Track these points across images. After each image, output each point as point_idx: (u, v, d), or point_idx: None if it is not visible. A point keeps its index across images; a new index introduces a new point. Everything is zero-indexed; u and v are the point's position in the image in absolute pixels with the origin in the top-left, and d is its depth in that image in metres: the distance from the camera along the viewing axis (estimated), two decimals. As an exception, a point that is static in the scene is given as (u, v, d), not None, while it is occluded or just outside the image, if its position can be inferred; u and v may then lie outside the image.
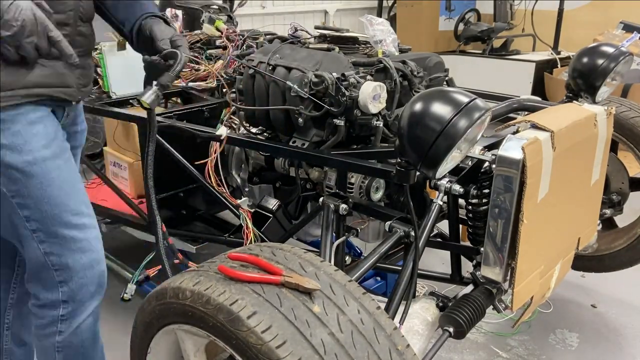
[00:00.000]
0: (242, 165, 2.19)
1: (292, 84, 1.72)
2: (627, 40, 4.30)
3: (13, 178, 1.26)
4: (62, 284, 1.39)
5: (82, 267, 1.39)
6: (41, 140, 1.29)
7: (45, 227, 1.32)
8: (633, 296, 2.61)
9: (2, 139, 1.23)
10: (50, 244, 1.34)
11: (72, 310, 1.42)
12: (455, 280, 1.71)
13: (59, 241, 1.35)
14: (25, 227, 1.32)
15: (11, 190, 1.27)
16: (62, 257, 1.36)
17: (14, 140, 1.25)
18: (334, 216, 1.65)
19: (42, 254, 1.35)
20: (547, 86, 4.90)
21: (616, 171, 2.26)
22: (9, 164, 1.25)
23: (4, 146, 1.24)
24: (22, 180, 1.27)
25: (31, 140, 1.27)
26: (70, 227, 1.35)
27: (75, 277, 1.39)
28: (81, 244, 1.38)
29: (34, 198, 1.29)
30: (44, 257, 1.35)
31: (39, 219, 1.31)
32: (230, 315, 0.97)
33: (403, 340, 1.03)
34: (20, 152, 1.25)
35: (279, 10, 5.44)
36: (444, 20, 5.66)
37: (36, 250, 1.34)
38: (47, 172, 1.29)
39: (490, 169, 1.45)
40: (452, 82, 2.06)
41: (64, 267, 1.37)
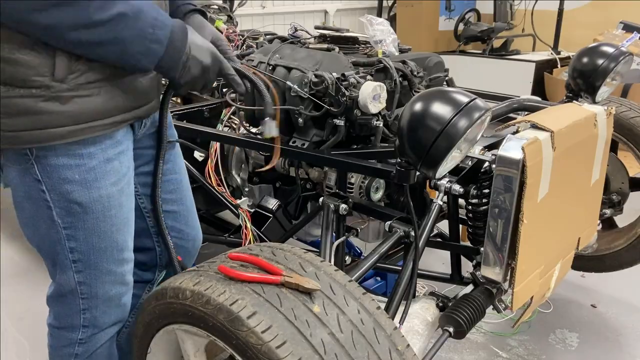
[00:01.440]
0: (242, 165, 2.19)
1: (292, 84, 1.72)
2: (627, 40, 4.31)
3: (72, 212, 1.20)
4: (85, 311, 1.33)
5: (110, 298, 1.34)
6: (112, 177, 1.22)
7: (86, 259, 1.27)
8: (633, 296, 2.61)
9: (75, 175, 1.16)
10: (86, 275, 1.29)
11: (91, 335, 1.37)
12: (455, 280, 1.71)
13: (96, 273, 1.29)
14: (66, 256, 1.26)
15: (65, 222, 1.21)
16: (92, 288, 1.31)
17: (86, 177, 1.18)
18: (334, 216, 1.65)
19: (74, 282, 1.29)
20: (547, 86, 4.90)
21: (616, 171, 2.26)
22: (73, 199, 1.18)
23: (75, 182, 1.17)
24: (80, 214, 1.21)
25: (102, 178, 1.20)
26: (111, 261, 1.30)
27: (101, 305, 1.34)
28: (115, 277, 1.33)
29: (86, 231, 1.23)
30: (76, 285, 1.30)
31: (84, 252, 1.26)
32: (231, 315, 0.97)
33: (403, 341, 1.03)
34: (89, 189, 1.19)
35: (279, 10, 5.44)
36: (444, 20, 5.66)
37: (70, 278, 1.29)
38: (108, 209, 1.24)
39: (490, 169, 1.45)
40: (452, 82, 2.06)
41: (92, 297, 1.32)
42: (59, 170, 1.15)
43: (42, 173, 1.14)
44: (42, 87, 1.05)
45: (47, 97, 1.06)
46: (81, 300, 1.32)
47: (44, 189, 1.16)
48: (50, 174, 1.15)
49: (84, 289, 1.30)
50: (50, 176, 1.15)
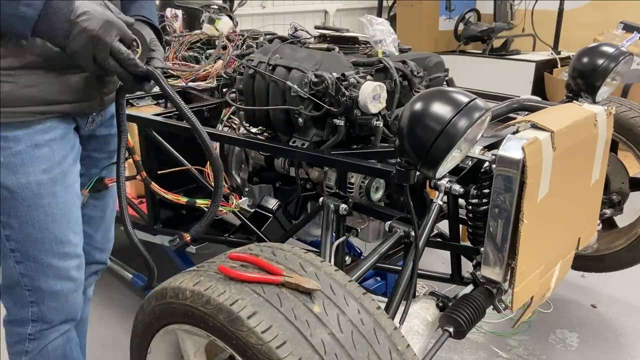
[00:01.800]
0: (242, 165, 2.19)
1: (292, 84, 1.72)
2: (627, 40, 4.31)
3: (1, 197, 1.21)
4: (33, 304, 1.34)
5: (55, 293, 1.34)
6: (42, 164, 1.23)
7: (24, 249, 1.28)
8: (633, 296, 2.61)
9: (0, 157, 1.18)
10: (26, 266, 1.30)
11: (40, 330, 1.37)
12: (455, 280, 1.71)
13: (35, 265, 1.30)
14: (4, 245, 1.27)
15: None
16: (35, 281, 1.31)
17: (11, 160, 1.19)
18: (334, 216, 1.65)
19: (17, 273, 1.30)
20: (547, 86, 4.90)
21: (616, 171, 2.26)
22: (1, 183, 1.20)
23: (0, 165, 1.18)
24: (9, 200, 1.22)
25: (30, 163, 1.21)
26: (50, 254, 1.30)
27: (47, 300, 1.34)
28: (58, 271, 1.33)
29: (19, 219, 1.24)
30: (19, 276, 1.31)
31: (20, 240, 1.27)
32: (231, 315, 0.97)
33: (403, 341, 1.03)
34: (15, 173, 1.20)
35: (279, 10, 5.44)
36: (444, 20, 5.66)
37: (12, 268, 1.30)
38: (39, 197, 1.24)
39: (490, 169, 1.45)
40: (452, 82, 2.06)
41: (37, 290, 1.33)
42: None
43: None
44: None
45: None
46: (27, 292, 1.32)
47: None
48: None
49: (27, 281, 1.31)
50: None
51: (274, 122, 1.85)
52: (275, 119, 1.83)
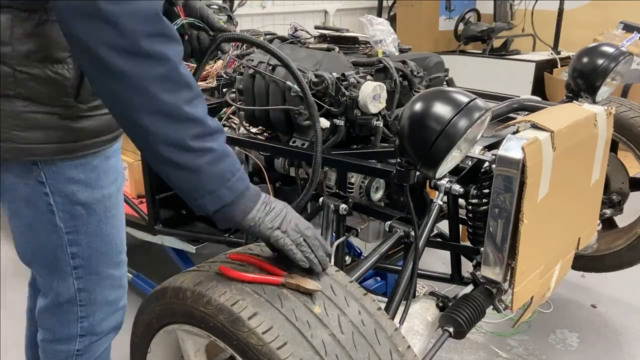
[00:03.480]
0: (242, 165, 2.19)
1: (292, 84, 1.72)
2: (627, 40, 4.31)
3: (76, 214, 1.18)
4: (83, 319, 1.31)
5: (108, 303, 1.33)
6: (112, 175, 1.23)
7: (88, 265, 1.25)
8: (633, 296, 2.61)
9: (80, 174, 1.16)
10: (86, 281, 1.27)
11: (89, 344, 1.35)
12: (455, 280, 1.71)
13: (96, 279, 1.28)
14: (67, 263, 1.23)
15: (68, 226, 1.19)
16: (92, 294, 1.29)
17: (89, 176, 1.17)
18: (334, 216, 1.65)
19: (74, 290, 1.27)
20: (547, 86, 4.90)
21: (616, 171, 2.26)
22: (77, 200, 1.17)
23: (80, 182, 1.16)
24: (84, 217, 1.19)
25: (104, 176, 1.20)
26: (111, 265, 1.29)
27: (98, 312, 1.32)
28: (114, 281, 1.32)
29: (88, 235, 1.22)
30: (75, 293, 1.27)
31: (85, 256, 1.24)
32: (231, 316, 0.97)
33: (404, 342, 1.03)
34: (93, 189, 1.18)
35: (279, 10, 5.44)
36: (444, 20, 5.66)
37: (70, 285, 1.26)
38: (109, 209, 1.23)
39: (490, 169, 1.45)
40: (452, 82, 2.06)
41: (91, 303, 1.30)
42: (64, 170, 1.14)
43: (47, 174, 1.13)
44: (64, 107, 1.08)
45: (65, 115, 1.09)
46: (79, 307, 1.29)
47: (48, 191, 1.15)
48: (56, 174, 1.14)
49: (83, 296, 1.28)
50: (56, 177, 1.14)
51: (274, 122, 1.85)
52: (275, 119, 1.83)
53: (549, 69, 4.94)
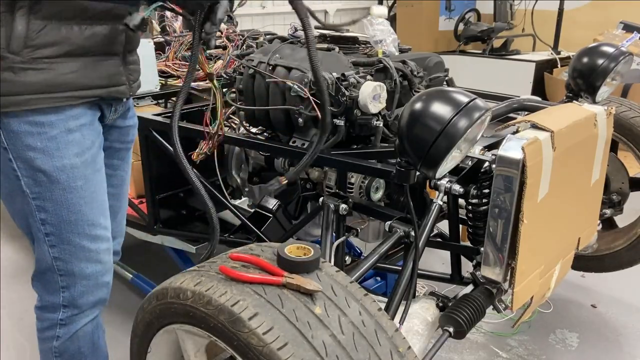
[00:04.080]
0: (242, 165, 2.19)
1: (292, 84, 1.72)
2: (627, 40, 4.31)
3: (38, 181, 1.26)
4: (64, 289, 1.38)
5: (86, 276, 1.38)
6: (74, 148, 1.28)
7: (58, 232, 1.32)
8: (633, 296, 2.61)
9: (37, 142, 1.22)
10: (60, 250, 1.34)
11: (71, 315, 1.41)
12: (455, 280, 1.71)
13: (69, 248, 1.34)
14: (39, 229, 1.31)
15: (33, 192, 1.27)
16: (68, 264, 1.35)
17: (48, 145, 1.24)
18: (334, 216, 1.65)
19: (50, 258, 1.34)
20: (547, 86, 4.90)
21: (616, 171, 2.26)
22: (38, 167, 1.24)
23: (37, 149, 1.23)
24: (46, 183, 1.26)
25: (65, 147, 1.26)
26: (82, 236, 1.35)
27: (78, 284, 1.38)
28: (90, 254, 1.37)
29: (54, 203, 1.29)
30: (52, 260, 1.35)
31: (54, 224, 1.31)
32: (232, 316, 0.97)
33: (404, 342, 1.03)
34: (52, 157, 1.25)
35: (279, 10, 5.44)
36: (444, 20, 5.66)
37: (45, 252, 1.34)
38: (73, 179, 1.29)
39: (490, 169, 1.45)
40: (452, 82, 2.06)
41: (69, 274, 1.37)
42: (22, 137, 1.21)
43: (7, 140, 1.22)
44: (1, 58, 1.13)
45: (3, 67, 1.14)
46: (59, 277, 1.37)
47: (11, 157, 1.23)
48: (15, 141, 1.22)
49: (60, 265, 1.35)
50: (15, 143, 1.22)
51: (274, 122, 1.85)
52: (275, 119, 1.83)
53: (549, 69, 4.94)
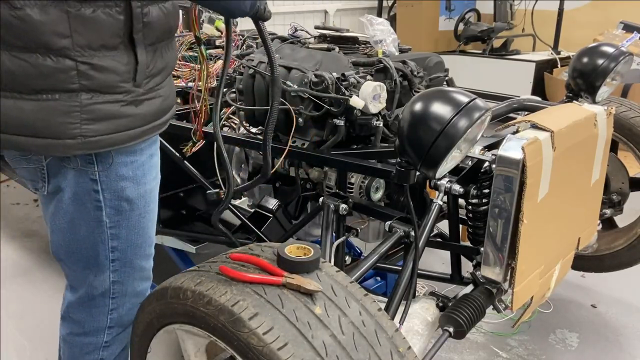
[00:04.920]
0: (242, 165, 2.19)
1: (292, 83, 1.72)
2: (627, 40, 4.31)
3: (121, 209, 1.22)
4: (113, 311, 1.34)
5: (136, 294, 1.36)
6: (154, 172, 1.27)
7: (124, 257, 1.28)
8: (633, 296, 2.61)
9: (130, 171, 1.19)
10: (121, 273, 1.30)
11: (116, 335, 1.38)
12: (455, 280, 1.71)
13: (130, 271, 1.31)
14: (106, 257, 1.26)
15: (113, 221, 1.22)
16: (124, 286, 1.32)
17: (137, 173, 1.21)
18: (334, 216, 1.65)
19: (109, 282, 1.30)
20: (547, 86, 4.90)
21: (616, 171, 2.26)
22: (126, 197, 1.21)
23: (128, 178, 1.20)
24: (127, 212, 1.23)
25: (148, 173, 1.24)
26: (143, 257, 1.33)
27: (127, 303, 1.35)
28: (144, 273, 1.36)
29: (128, 229, 1.25)
30: (110, 285, 1.30)
31: (123, 249, 1.27)
32: (232, 316, 0.97)
33: (404, 343, 1.03)
34: (138, 184, 1.22)
35: (279, 10, 5.43)
36: (444, 20, 5.66)
37: (106, 278, 1.29)
38: (149, 203, 1.27)
39: (490, 169, 1.45)
40: (452, 82, 2.06)
41: (122, 295, 1.33)
42: (117, 168, 1.17)
43: (101, 172, 1.16)
44: (125, 93, 1.08)
45: (128, 101, 1.09)
46: (111, 300, 1.32)
47: (99, 188, 1.18)
48: (109, 172, 1.17)
49: (117, 288, 1.31)
50: (109, 174, 1.17)
51: (274, 122, 1.85)
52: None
53: (549, 69, 4.94)
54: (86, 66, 1.02)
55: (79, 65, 1.01)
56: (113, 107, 1.07)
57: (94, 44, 1.01)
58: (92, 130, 1.06)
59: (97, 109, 1.05)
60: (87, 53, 1.01)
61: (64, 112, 1.03)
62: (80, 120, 1.04)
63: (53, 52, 0.99)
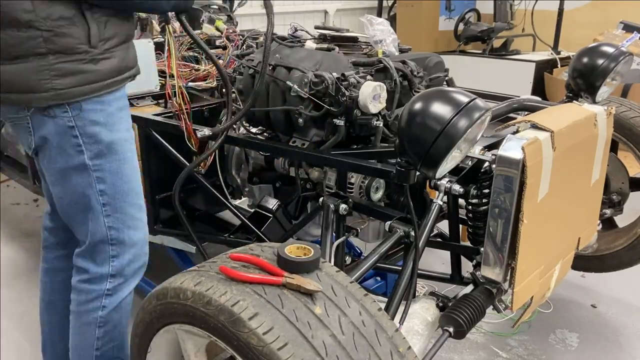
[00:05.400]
0: (242, 165, 2.19)
1: (292, 83, 1.72)
2: (627, 40, 4.31)
3: (100, 153, 1.39)
4: (114, 258, 1.48)
5: (134, 243, 1.50)
6: (125, 123, 1.45)
7: (113, 202, 1.44)
8: (633, 296, 2.61)
9: (100, 117, 1.38)
10: (114, 219, 1.45)
11: (118, 284, 1.51)
12: (455, 280, 1.71)
13: (121, 216, 1.46)
14: (97, 200, 1.42)
15: (95, 164, 1.39)
16: (120, 232, 1.47)
17: (108, 120, 1.39)
18: (334, 216, 1.65)
19: (105, 228, 1.45)
20: (547, 86, 4.90)
21: (616, 171, 2.26)
22: (101, 139, 1.38)
23: (101, 124, 1.38)
24: (107, 155, 1.40)
25: (120, 122, 1.43)
26: (132, 205, 1.48)
27: (127, 252, 1.49)
28: (137, 222, 1.50)
29: (112, 173, 1.42)
30: (107, 230, 1.45)
31: (111, 194, 1.43)
32: (232, 316, 0.97)
33: (404, 343, 1.03)
34: (112, 131, 1.40)
35: (279, 10, 5.43)
36: (444, 20, 5.66)
37: (101, 223, 1.45)
38: (125, 151, 1.44)
39: (490, 169, 1.45)
40: (452, 82, 2.06)
41: (120, 242, 1.48)
42: (89, 114, 1.36)
43: (74, 118, 1.35)
44: (83, 53, 1.31)
45: (87, 60, 1.32)
46: (111, 247, 1.48)
47: (77, 133, 1.36)
48: (82, 118, 1.36)
49: (113, 234, 1.47)
50: (82, 120, 1.36)
51: (274, 122, 1.85)
52: (275, 119, 1.83)
53: (549, 69, 4.94)
54: (49, 33, 1.25)
55: (43, 33, 1.25)
56: (75, 65, 1.30)
57: (53, 15, 1.24)
58: (61, 84, 1.29)
59: (62, 67, 1.29)
60: (48, 23, 1.24)
61: (37, 71, 1.27)
62: (50, 77, 1.28)
63: (22, 24, 1.23)
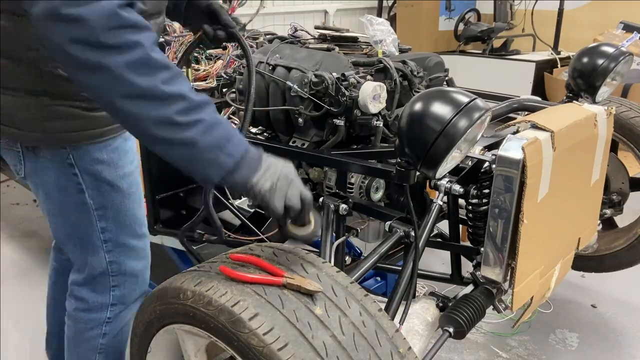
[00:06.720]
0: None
1: (292, 83, 1.72)
2: (627, 40, 4.31)
3: (102, 191, 1.33)
4: (115, 288, 1.44)
5: (135, 273, 1.46)
6: (130, 155, 1.38)
7: (115, 237, 1.39)
8: (633, 296, 2.61)
9: (104, 155, 1.30)
10: (116, 253, 1.40)
11: (119, 312, 1.47)
12: (455, 280, 1.71)
13: (123, 250, 1.41)
14: (98, 237, 1.37)
15: (97, 202, 1.33)
16: (121, 265, 1.42)
17: (112, 157, 1.32)
18: (334, 216, 1.65)
19: (105, 262, 1.40)
20: (547, 86, 4.90)
21: (616, 171, 2.26)
22: (103, 178, 1.31)
23: (104, 162, 1.31)
24: (109, 193, 1.34)
25: (124, 156, 1.35)
26: (135, 236, 1.43)
27: (128, 282, 1.45)
28: (138, 252, 1.45)
29: (114, 210, 1.36)
30: (107, 264, 1.41)
31: (113, 230, 1.38)
32: (232, 316, 0.97)
33: (405, 343, 1.03)
34: (115, 168, 1.33)
35: (279, 10, 5.43)
36: (444, 20, 5.66)
37: (101, 259, 1.40)
38: (130, 185, 1.37)
39: (490, 169, 1.45)
40: (452, 82, 2.06)
41: (121, 273, 1.43)
42: (90, 152, 1.29)
43: (75, 157, 1.28)
44: (84, 100, 1.22)
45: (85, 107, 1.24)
46: (111, 278, 1.43)
47: (77, 172, 1.29)
48: (83, 157, 1.29)
49: (114, 267, 1.42)
50: (83, 158, 1.29)
51: (274, 122, 1.85)
52: (275, 119, 1.83)
53: (549, 69, 4.94)
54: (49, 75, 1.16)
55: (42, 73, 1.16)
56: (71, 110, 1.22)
57: None
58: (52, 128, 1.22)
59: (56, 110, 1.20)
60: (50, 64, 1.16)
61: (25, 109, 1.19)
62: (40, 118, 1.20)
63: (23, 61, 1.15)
